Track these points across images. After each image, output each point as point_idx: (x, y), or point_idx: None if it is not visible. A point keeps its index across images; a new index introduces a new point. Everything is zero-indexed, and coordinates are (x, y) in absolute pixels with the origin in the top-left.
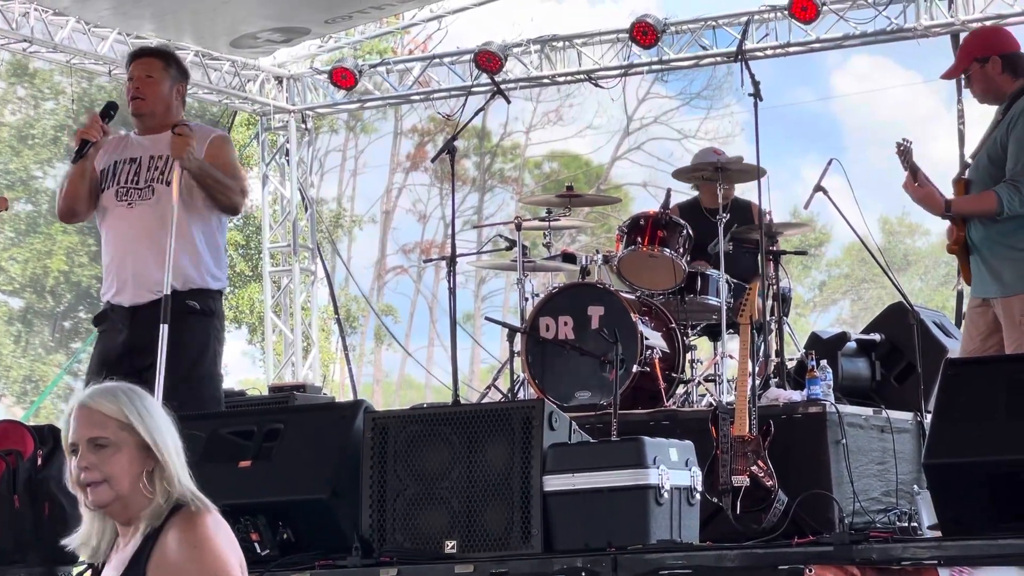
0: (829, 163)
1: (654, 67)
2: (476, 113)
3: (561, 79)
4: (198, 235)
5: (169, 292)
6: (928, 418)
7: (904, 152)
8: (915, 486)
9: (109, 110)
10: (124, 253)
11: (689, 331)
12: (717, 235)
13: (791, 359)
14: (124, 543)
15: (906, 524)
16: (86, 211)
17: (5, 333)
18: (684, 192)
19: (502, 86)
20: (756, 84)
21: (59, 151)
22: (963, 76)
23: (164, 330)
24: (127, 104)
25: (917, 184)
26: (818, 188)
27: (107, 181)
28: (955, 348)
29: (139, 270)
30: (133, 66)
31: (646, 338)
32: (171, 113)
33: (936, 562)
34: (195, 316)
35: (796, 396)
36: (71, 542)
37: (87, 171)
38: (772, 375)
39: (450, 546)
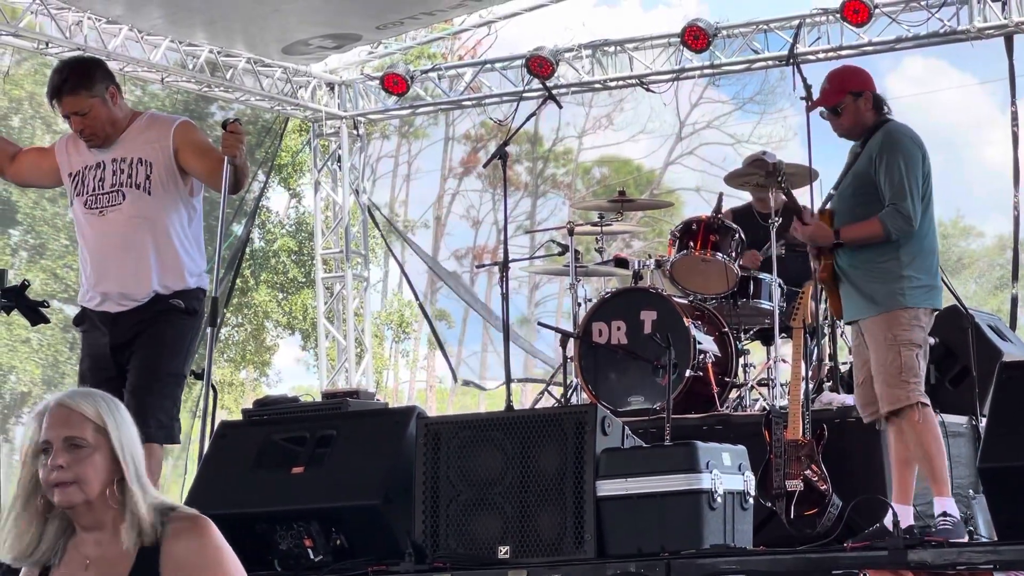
0: None
1: (706, 71)
2: (528, 118)
3: (613, 84)
4: (175, 234)
5: (216, 293)
6: (983, 422)
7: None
8: (970, 490)
9: None
10: (103, 264)
11: (742, 335)
12: (770, 239)
13: (844, 363)
14: (95, 551)
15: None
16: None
17: (61, 340)
18: (737, 197)
19: (554, 91)
20: (808, 88)
21: None
22: (831, 107)
23: (211, 332)
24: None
25: (805, 223)
26: None
27: (76, 188)
28: (1010, 351)
29: (120, 282)
30: (58, 108)
31: (699, 342)
32: (120, 120)
33: (991, 566)
34: (178, 313)
35: (850, 400)
36: (32, 556)
37: None
38: (825, 379)
39: (503, 551)
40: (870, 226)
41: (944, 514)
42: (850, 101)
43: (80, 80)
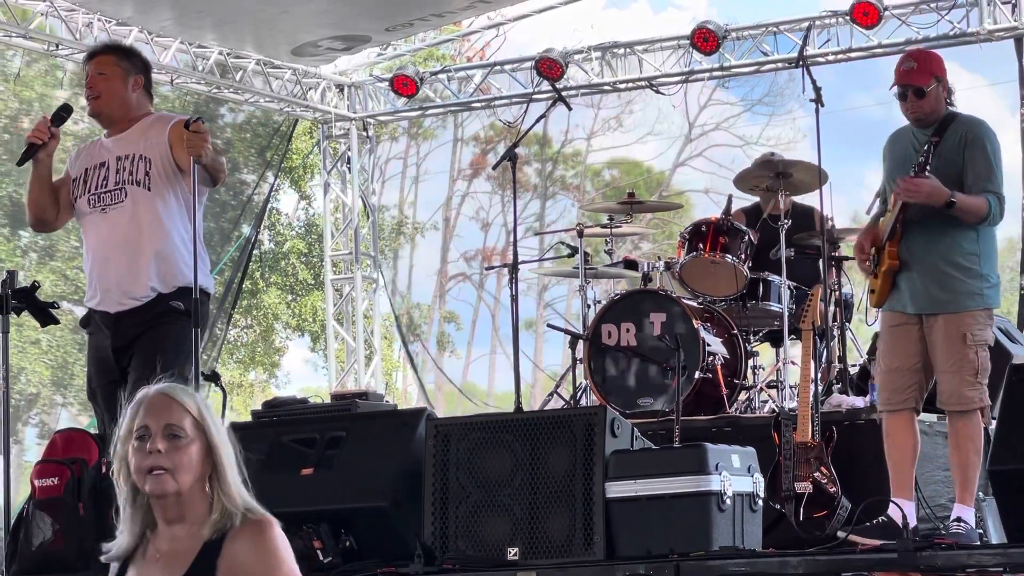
0: None
1: (715, 73)
2: (537, 120)
3: (622, 86)
4: (177, 231)
5: (197, 293)
6: (993, 424)
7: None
8: (980, 493)
9: (61, 112)
10: (104, 262)
11: (751, 337)
12: (779, 241)
13: (854, 365)
14: (167, 546)
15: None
16: (56, 218)
17: (70, 341)
18: (747, 199)
19: (563, 93)
20: (818, 90)
21: None
22: (919, 87)
23: (196, 333)
24: (88, 106)
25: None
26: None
27: (80, 189)
28: (1020, 354)
29: (120, 279)
30: (87, 67)
31: (708, 344)
32: (131, 108)
33: (1001, 569)
34: (177, 315)
35: (859, 402)
36: (114, 550)
37: (43, 177)
38: (835, 381)
39: (512, 553)
40: (978, 201)
41: (959, 520)
42: (935, 85)
43: (117, 50)
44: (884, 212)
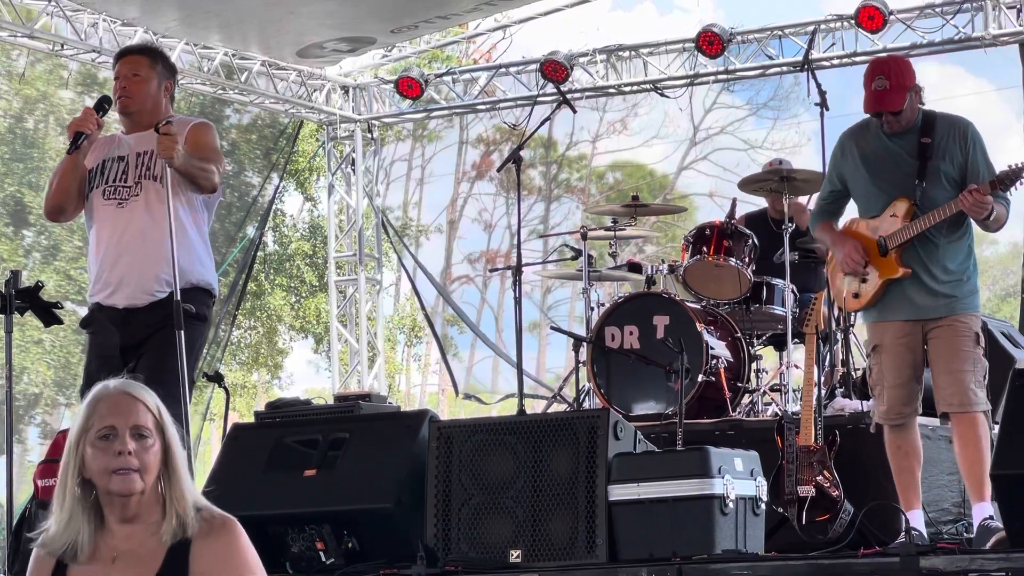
0: None
1: (720, 77)
2: (542, 123)
3: (627, 89)
4: (191, 230)
5: (179, 296)
6: (996, 429)
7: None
8: None
9: (103, 103)
10: (117, 254)
11: (755, 340)
12: (783, 245)
13: (857, 369)
14: (124, 545)
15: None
16: (74, 209)
17: (74, 342)
18: (751, 202)
19: (568, 96)
20: (823, 94)
21: None
22: (890, 112)
23: (181, 335)
24: (116, 103)
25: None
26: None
27: (95, 180)
28: (1023, 358)
29: (134, 272)
30: (119, 65)
31: (711, 348)
32: (159, 110)
33: (1004, 574)
34: (187, 318)
35: (862, 406)
36: (51, 541)
37: (79, 165)
38: (838, 385)
39: (515, 555)
40: (1004, 210)
41: (990, 517)
42: (909, 97)
43: (153, 52)
44: (834, 209)
